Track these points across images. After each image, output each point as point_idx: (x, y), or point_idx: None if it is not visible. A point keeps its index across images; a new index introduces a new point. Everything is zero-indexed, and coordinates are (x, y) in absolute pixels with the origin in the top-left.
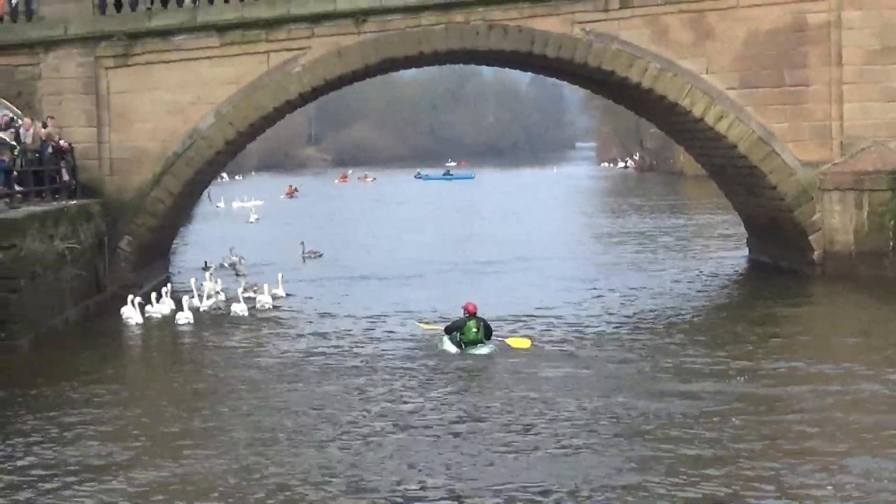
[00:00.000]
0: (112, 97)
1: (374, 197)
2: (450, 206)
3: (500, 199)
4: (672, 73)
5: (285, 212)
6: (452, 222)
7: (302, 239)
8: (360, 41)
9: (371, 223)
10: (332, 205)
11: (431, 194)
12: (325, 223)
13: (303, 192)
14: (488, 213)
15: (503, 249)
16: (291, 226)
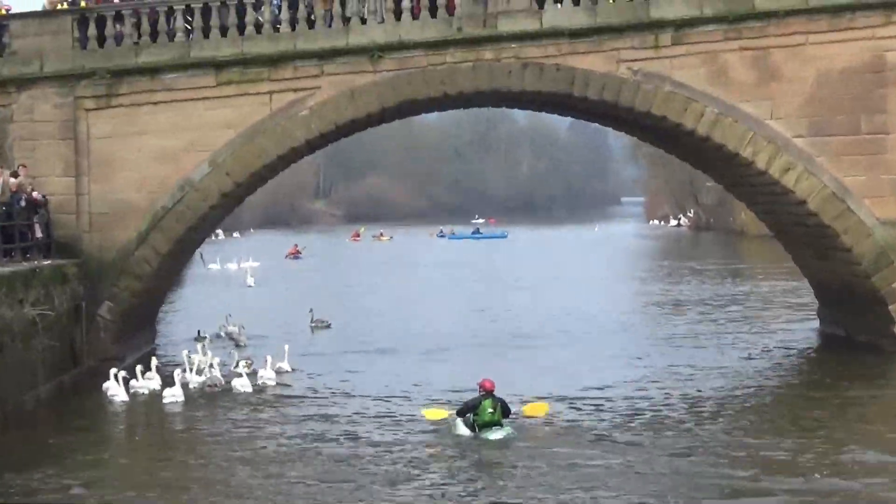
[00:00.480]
0: (93, 143)
1: (391, 258)
2: (478, 270)
3: (537, 262)
4: (732, 119)
5: (288, 275)
6: (481, 289)
7: (309, 306)
8: (376, 81)
9: (387, 289)
10: (343, 267)
11: (457, 256)
12: (334, 288)
13: (309, 252)
14: (523, 279)
15: (540, 321)
16: (295, 291)
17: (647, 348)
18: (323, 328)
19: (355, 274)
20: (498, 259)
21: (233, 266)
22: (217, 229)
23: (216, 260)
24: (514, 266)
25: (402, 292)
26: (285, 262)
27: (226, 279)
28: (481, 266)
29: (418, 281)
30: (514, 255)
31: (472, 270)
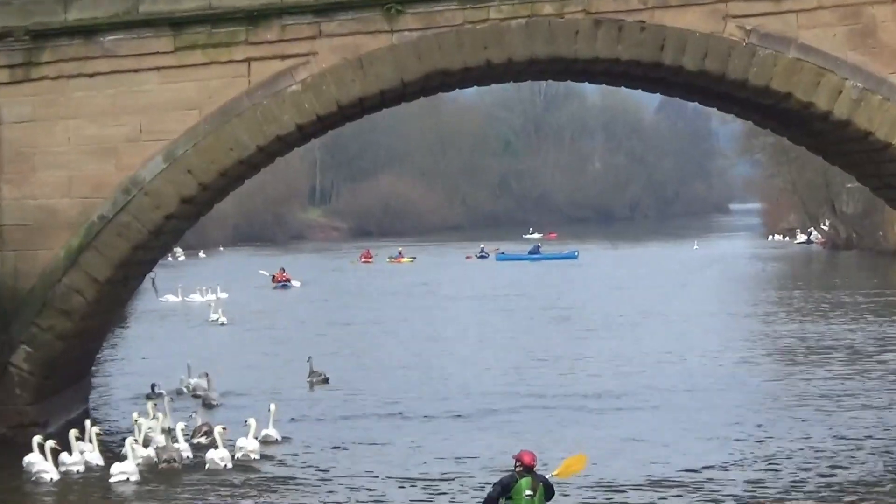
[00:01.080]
0: (4, 130)
1: (414, 287)
2: (536, 305)
3: (617, 293)
4: (881, 97)
5: (274, 309)
6: (541, 330)
7: (307, 353)
8: (394, 45)
9: (409, 330)
10: (348, 299)
11: (506, 284)
12: (336, 328)
13: (302, 279)
14: (598, 316)
15: (623, 376)
16: (282, 332)
17: (771, 414)
18: (320, 383)
19: (365, 309)
20: (564, 289)
21: (197, 297)
22: (175, 248)
23: (174, 289)
24: (586, 299)
25: (429, 334)
26: (269, 293)
27: (187, 315)
28: (540, 299)
29: (451, 319)
30: (585, 284)
31: (527, 305)
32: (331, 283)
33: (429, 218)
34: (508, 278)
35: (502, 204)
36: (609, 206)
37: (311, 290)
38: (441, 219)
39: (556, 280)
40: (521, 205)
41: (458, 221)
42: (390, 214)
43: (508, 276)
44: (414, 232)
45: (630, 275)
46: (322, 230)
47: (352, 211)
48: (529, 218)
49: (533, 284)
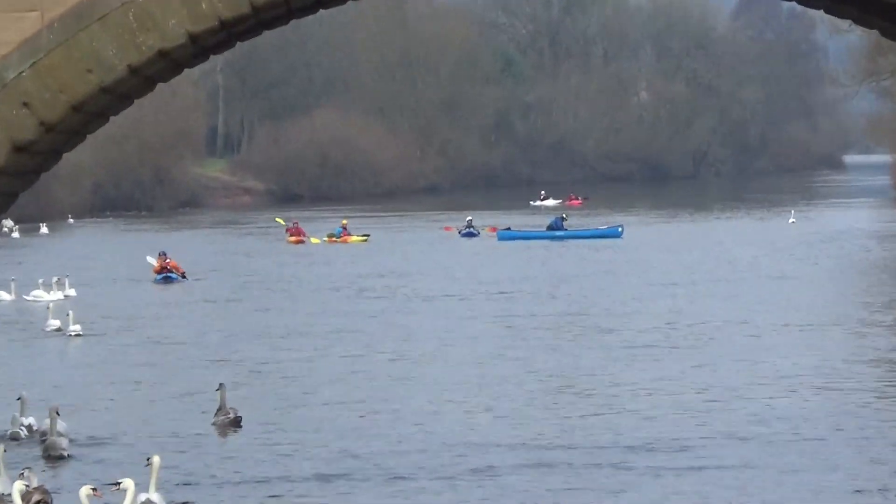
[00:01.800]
0: None
1: (368, 281)
2: (557, 309)
3: (676, 291)
4: None
5: (151, 315)
6: (562, 351)
7: (214, 380)
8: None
9: (360, 347)
10: (266, 300)
11: (511, 276)
12: (245, 346)
13: (196, 267)
14: (651, 326)
15: (687, 416)
16: (164, 348)
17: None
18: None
19: (293, 315)
20: (599, 285)
21: (43, 295)
22: (4, 219)
23: (5, 282)
24: (631, 300)
25: (389, 354)
26: (147, 289)
27: (25, 322)
28: (563, 301)
29: (425, 332)
30: (631, 277)
31: (542, 310)
32: (239, 274)
33: (389, 176)
34: (514, 268)
35: (500, 155)
36: (662, 159)
37: (208, 285)
38: (407, 177)
39: (587, 270)
40: (527, 156)
41: (433, 181)
42: (330, 170)
43: (514, 265)
44: (366, 196)
45: (696, 263)
46: (227, 193)
47: (271, 165)
48: (541, 175)
49: (551, 278)
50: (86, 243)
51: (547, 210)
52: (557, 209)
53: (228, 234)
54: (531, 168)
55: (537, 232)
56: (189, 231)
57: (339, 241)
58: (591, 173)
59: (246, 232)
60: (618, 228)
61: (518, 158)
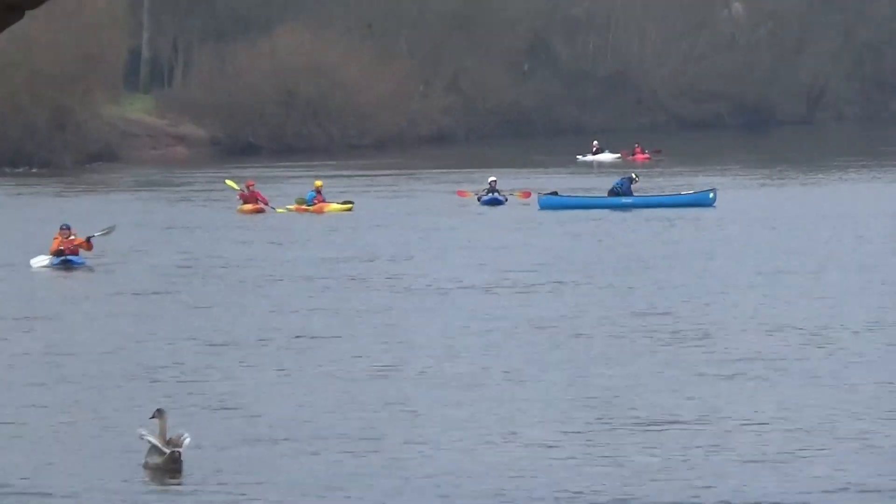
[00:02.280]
0: None
1: (351, 267)
2: (627, 309)
3: (795, 281)
4: None
5: (45, 314)
6: (638, 370)
7: (152, 404)
8: None
9: (346, 359)
10: (210, 291)
11: (559, 258)
12: (182, 356)
13: (110, 245)
14: (761, 333)
15: (804, 467)
16: (70, 362)
17: None
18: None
19: (248, 312)
20: (685, 274)
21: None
22: None
23: None
24: (728, 292)
25: (384, 362)
26: (42, 275)
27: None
28: (632, 293)
29: (434, 335)
30: (727, 256)
31: (600, 306)
32: (171, 256)
33: (380, 119)
34: (560, 249)
35: (534, 91)
36: (762, 98)
37: (127, 272)
38: (405, 121)
39: (663, 252)
40: (573, 93)
41: (442, 126)
42: (298, 111)
43: (561, 244)
44: (348, 148)
45: (813, 241)
46: (154, 143)
47: (216, 104)
48: (592, 120)
49: (612, 263)
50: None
51: (601, 167)
52: (617, 166)
53: (157, 199)
54: (578, 110)
55: (595, 198)
56: (101, 195)
57: (311, 209)
58: (663, 117)
59: (181, 196)
60: (708, 194)
61: (560, 96)
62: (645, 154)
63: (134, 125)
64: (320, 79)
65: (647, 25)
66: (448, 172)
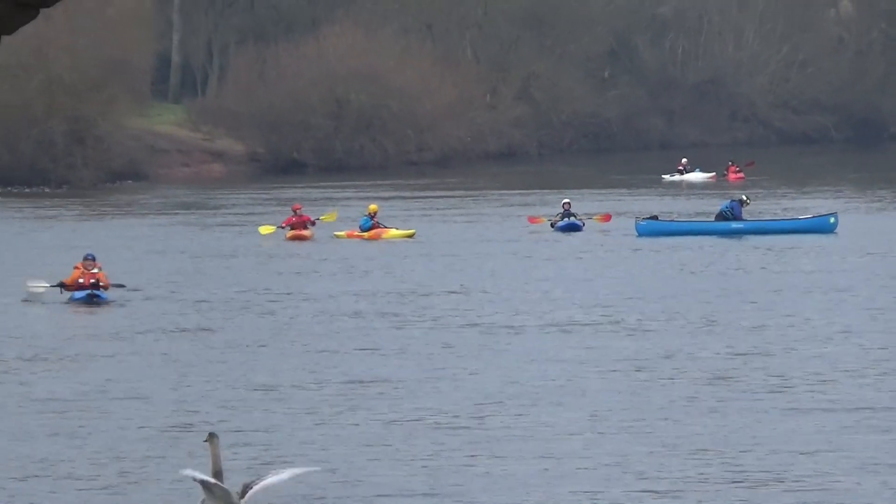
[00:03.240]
0: None
1: (417, 302)
2: (730, 349)
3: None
4: None
5: (69, 353)
6: (747, 426)
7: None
8: None
9: (411, 410)
10: (250, 330)
11: (663, 293)
12: (219, 404)
13: (131, 281)
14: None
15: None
16: (99, 403)
17: None
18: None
19: (296, 355)
20: (805, 306)
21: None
22: None
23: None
24: (854, 332)
25: (459, 413)
26: (62, 310)
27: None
28: (746, 333)
29: (513, 381)
30: (852, 289)
31: (710, 347)
32: (207, 291)
33: (441, 132)
34: (661, 281)
35: (616, 100)
36: (874, 108)
37: (157, 308)
38: (469, 134)
39: (780, 284)
40: (659, 103)
41: (512, 141)
42: (348, 123)
43: (662, 276)
44: (404, 166)
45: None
46: (186, 159)
47: (255, 114)
48: (680, 133)
49: (723, 297)
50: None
51: (692, 188)
52: (708, 187)
53: (189, 223)
54: (665, 122)
55: (700, 223)
56: (125, 219)
57: (366, 236)
58: (761, 130)
59: (217, 220)
60: (829, 218)
61: (645, 107)
62: (739, 173)
63: (163, 139)
64: (373, 86)
65: (743, 27)
66: (518, 193)
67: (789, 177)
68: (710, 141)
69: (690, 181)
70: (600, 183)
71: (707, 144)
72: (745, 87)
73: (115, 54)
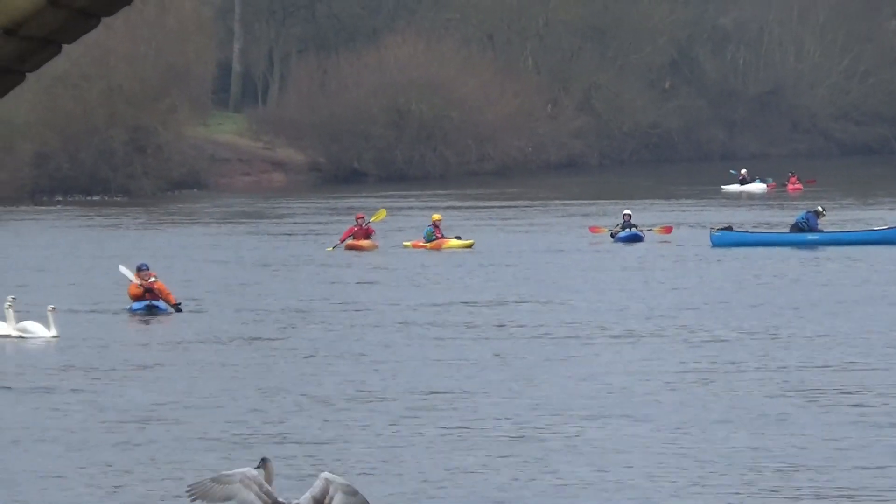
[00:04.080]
0: None
1: (480, 314)
2: (816, 365)
3: None
4: None
5: (124, 367)
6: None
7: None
8: None
9: (475, 428)
10: (312, 343)
11: (744, 306)
12: (277, 418)
13: (189, 292)
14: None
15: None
16: (152, 422)
17: None
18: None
19: (358, 366)
20: (888, 320)
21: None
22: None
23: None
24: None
25: (525, 425)
26: (120, 321)
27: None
28: (835, 348)
29: (585, 398)
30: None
31: (788, 364)
32: (266, 302)
33: (502, 142)
34: (740, 294)
35: (676, 111)
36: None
37: (216, 320)
38: (530, 144)
39: (860, 294)
40: (720, 113)
41: (573, 151)
42: (409, 133)
43: (740, 289)
44: (463, 175)
45: None
46: (246, 168)
47: (316, 124)
48: (741, 144)
49: (804, 311)
50: (19, 247)
51: (752, 199)
52: (767, 198)
53: (250, 233)
54: (727, 132)
55: (775, 234)
56: (185, 227)
57: (429, 246)
58: (822, 142)
59: (279, 230)
60: None
61: (705, 117)
62: (799, 185)
63: (223, 148)
64: (434, 96)
65: (804, 38)
66: (579, 204)
67: (850, 188)
68: (771, 152)
69: (750, 191)
70: (661, 193)
71: (768, 155)
72: (805, 98)
73: (176, 63)
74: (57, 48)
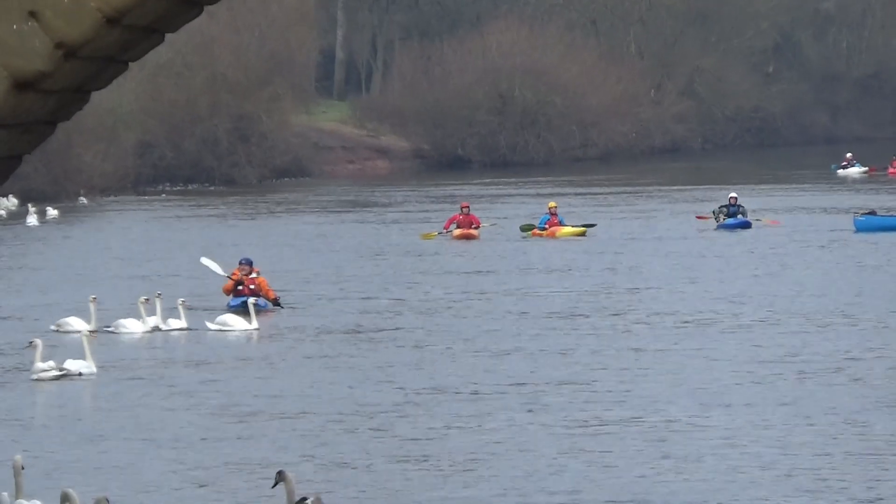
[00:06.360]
0: None
1: (592, 304)
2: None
3: None
4: None
5: (214, 363)
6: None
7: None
8: None
9: (586, 429)
10: (415, 340)
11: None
12: (381, 419)
13: (293, 287)
14: None
15: None
16: (249, 426)
17: None
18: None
19: (466, 365)
20: None
21: (134, 325)
22: (4, 196)
23: (70, 301)
24: None
25: (641, 425)
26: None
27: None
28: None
29: (709, 396)
30: None
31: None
32: (374, 287)
33: (606, 127)
34: (870, 275)
35: (780, 95)
36: None
37: (327, 305)
38: (631, 129)
39: None
40: (823, 97)
41: (677, 136)
42: (513, 119)
43: (874, 269)
44: (567, 161)
45: None
46: (350, 155)
47: (420, 111)
48: (845, 127)
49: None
50: (122, 235)
51: (855, 183)
52: (867, 182)
53: (355, 221)
54: (830, 116)
55: None
56: (290, 216)
57: (544, 234)
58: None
59: (384, 218)
60: None
61: (809, 101)
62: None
63: (327, 136)
64: (538, 82)
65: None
66: (683, 189)
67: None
68: (876, 136)
69: (852, 175)
70: (765, 178)
71: (872, 139)
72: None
73: (279, 51)
74: (160, 37)
